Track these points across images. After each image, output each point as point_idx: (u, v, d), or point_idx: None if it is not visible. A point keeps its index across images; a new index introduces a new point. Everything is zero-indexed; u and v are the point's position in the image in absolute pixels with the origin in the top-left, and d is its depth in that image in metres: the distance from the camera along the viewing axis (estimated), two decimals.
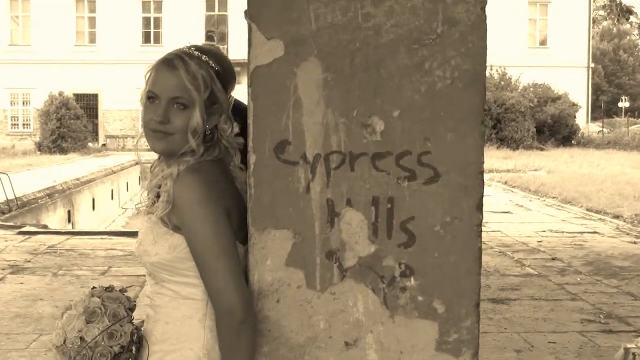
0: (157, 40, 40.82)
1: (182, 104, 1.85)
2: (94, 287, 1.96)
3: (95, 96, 40.09)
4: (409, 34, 1.80)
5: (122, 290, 1.98)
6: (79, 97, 37.46)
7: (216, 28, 40.86)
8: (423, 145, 1.81)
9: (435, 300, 1.83)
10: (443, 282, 1.83)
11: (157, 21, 40.84)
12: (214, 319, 1.83)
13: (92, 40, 40.95)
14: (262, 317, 1.83)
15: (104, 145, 37.56)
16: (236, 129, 1.95)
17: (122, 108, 40.19)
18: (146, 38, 40.88)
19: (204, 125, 1.86)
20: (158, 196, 1.98)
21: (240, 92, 1.90)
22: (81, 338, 1.84)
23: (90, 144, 35.21)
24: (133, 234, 11.85)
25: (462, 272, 1.83)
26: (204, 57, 1.88)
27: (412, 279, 1.83)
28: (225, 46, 40.33)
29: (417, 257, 1.83)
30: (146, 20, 40.85)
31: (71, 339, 1.84)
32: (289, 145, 1.81)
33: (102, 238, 11.32)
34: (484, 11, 1.80)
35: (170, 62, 1.85)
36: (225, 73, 1.91)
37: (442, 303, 1.83)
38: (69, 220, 18.51)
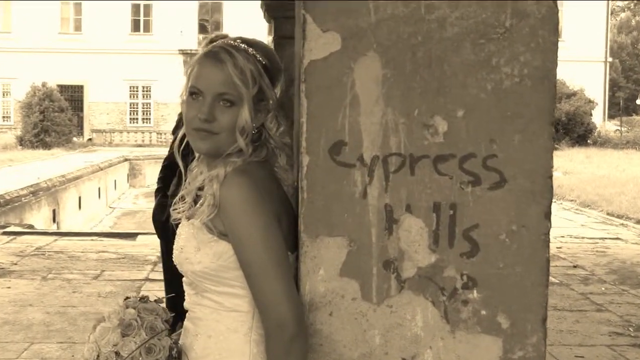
0: (147, 28, 40.80)
1: (228, 100, 1.83)
2: (127, 298, 1.94)
3: (80, 87, 40.03)
4: (475, 27, 1.77)
5: (158, 301, 1.96)
6: (63, 88, 37.41)
7: (210, 17, 40.83)
8: (489, 147, 1.79)
9: (499, 314, 1.81)
10: (508, 295, 1.81)
11: (147, 8, 40.78)
12: (260, 332, 1.81)
13: (78, 27, 40.88)
14: (314, 331, 1.81)
15: (89, 140, 37.51)
16: (282, 127, 1.93)
17: (109, 100, 40.17)
18: (135, 26, 40.82)
19: (253, 123, 1.84)
20: (196, 200, 1.96)
21: None
22: (116, 353, 1.82)
23: (75, 139, 35.17)
24: (125, 236, 11.85)
25: (529, 284, 1.81)
26: (250, 50, 1.86)
27: (474, 291, 1.81)
28: None
29: (481, 267, 1.81)
30: (135, 8, 40.78)
31: (105, 353, 1.82)
32: (345, 146, 1.79)
33: (92, 239, 11.28)
34: (556, 3, 1.78)
35: (216, 56, 1.83)
36: (273, 67, 1.89)
37: (507, 318, 1.81)
38: (54, 220, 18.48)
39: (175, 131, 4.68)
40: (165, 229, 4.56)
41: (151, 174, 29.79)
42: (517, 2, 1.77)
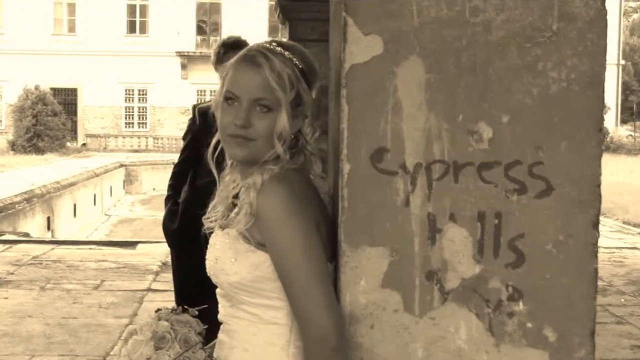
0: (143, 30, 40.90)
1: (265, 105, 1.84)
2: (159, 310, 1.95)
3: (74, 91, 40.08)
4: (521, 30, 1.78)
5: (191, 313, 1.96)
6: (56, 91, 37.49)
7: (208, 17, 40.93)
8: (535, 154, 1.80)
9: (546, 327, 1.82)
10: (555, 307, 1.82)
11: (143, 9, 40.87)
12: (298, 345, 1.82)
13: (72, 29, 40.96)
14: (354, 344, 1.82)
15: (84, 145, 37.55)
16: (317, 133, 1.94)
17: (104, 104, 40.21)
18: (131, 28, 40.91)
19: (290, 129, 1.85)
20: (230, 208, 1.98)
21: None
22: None
23: (68, 144, 35.21)
24: (125, 244, 11.86)
25: (576, 296, 1.82)
26: (287, 53, 1.87)
27: (520, 303, 1.81)
28: (218, 38, 40.33)
29: (527, 278, 1.81)
30: (131, 8, 40.88)
31: None
32: (387, 153, 1.80)
33: (90, 248, 11.29)
34: (604, 5, 1.79)
35: (252, 59, 1.84)
36: (309, 71, 1.90)
37: (554, 330, 1.82)
38: (49, 228, 18.50)
39: (185, 136, 4.70)
40: (176, 238, 4.57)
41: (148, 180, 29.85)
42: (564, 5, 1.78)
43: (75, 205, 21.03)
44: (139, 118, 41.01)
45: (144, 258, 10.28)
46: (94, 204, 23.43)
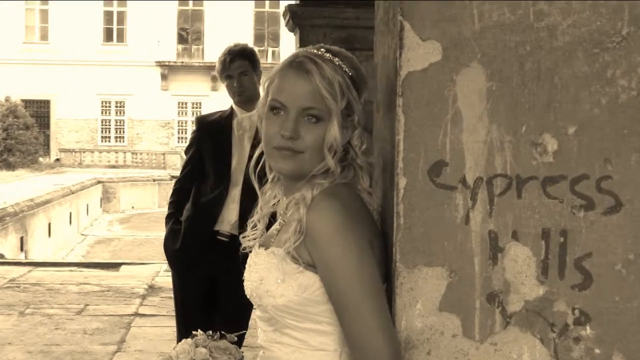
0: (121, 38, 40.88)
1: (314, 115, 1.83)
2: (194, 335, 1.92)
3: (47, 102, 39.97)
4: (588, 35, 1.78)
5: (230, 339, 1.94)
6: (28, 103, 37.34)
7: (190, 25, 40.97)
8: (603, 168, 1.78)
9: (615, 353, 1.80)
10: (624, 332, 1.80)
11: (121, 16, 40.88)
12: None
13: (44, 37, 40.89)
14: None
15: (57, 160, 37.39)
16: (365, 145, 1.92)
17: (79, 117, 40.10)
18: (108, 35, 40.89)
19: (342, 141, 1.83)
20: (269, 226, 1.96)
21: (217, 98, 1.86)
22: None
23: (41, 159, 35.04)
24: (107, 266, 11.78)
25: None
26: (336, 60, 1.86)
27: (587, 327, 1.80)
28: (201, 47, 40.44)
29: (594, 301, 1.80)
30: (108, 15, 40.87)
31: None
32: (446, 167, 1.78)
33: (71, 270, 11.22)
34: None
35: (301, 66, 1.83)
36: (359, 79, 1.89)
37: (624, 357, 1.80)
38: (22, 249, 18.36)
39: (188, 150, 4.68)
40: (178, 259, 4.54)
41: (126, 198, 29.75)
42: (635, 8, 1.77)
43: (50, 225, 20.90)
44: (117, 132, 40.89)
45: (128, 280, 10.22)
46: (70, 223, 23.30)
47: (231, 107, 4.60)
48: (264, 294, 1.84)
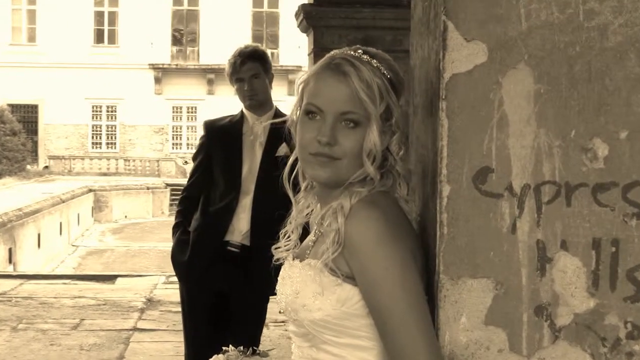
0: (112, 40, 40.90)
1: (352, 120, 1.82)
2: (226, 350, 1.92)
3: (34, 107, 39.98)
4: None
5: (263, 355, 1.94)
6: (15, 108, 37.33)
7: (185, 26, 41.00)
8: None
9: None
10: None
11: (112, 17, 40.91)
12: None
13: (32, 38, 40.93)
14: None
15: (46, 167, 37.39)
16: (402, 152, 1.92)
17: (69, 122, 40.09)
18: (99, 37, 40.92)
19: (381, 146, 1.83)
20: (303, 236, 1.96)
21: (213, 102, 1.85)
22: None
23: (29, 166, 35.03)
24: (103, 278, 11.79)
25: None
26: (374, 61, 1.86)
27: None
28: (196, 48, 40.49)
29: None
30: (99, 16, 40.91)
31: None
32: (492, 174, 1.79)
33: (64, 283, 11.22)
34: None
35: (338, 68, 1.83)
36: (398, 82, 1.89)
37: None
38: (10, 261, 18.35)
39: (196, 157, 4.68)
40: (186, 271, 4.53)
41: (119, 207, 29.74)
42: None
43: (39, 235, 20.89)
44: (108, 138, 40.88)
45: (125, 293, 10.21)
46: (60, 233, 23.29)
47: (241, 112, 4.59)
48: (300, 308, 1.84)
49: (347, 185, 1.85)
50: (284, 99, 21.26)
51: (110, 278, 11.56)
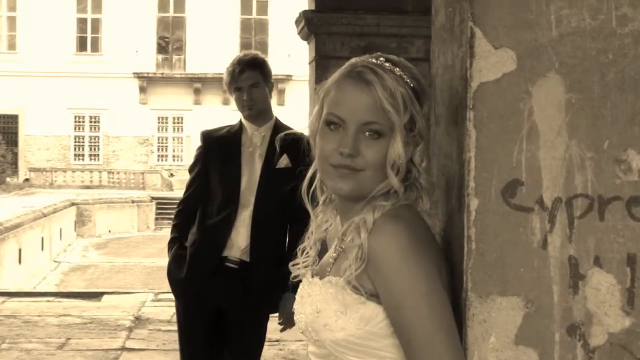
0: (96, 47, 40.88)
1: (375, 131, 1.81)
2: None
3: (14, 118, 39.89)
4: None
5: None
6: None
7: (171, 34, 41.03)
8: None
9: None
10: None
11: (96, 24, 40.90)
12: None
13: (12, 46, 40.89)
14: None
15: (26, 180, 37.25)
16: (425, 163, 1.91)
17: (50, 133, 40.01)
18: (81, 45, 40.89)
19: (406, 158, 1.82)
20: (321, 252, 1.94)
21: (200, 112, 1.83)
22: None
23: (8, 179, 34.92)
24: (89, 296, 11.74)
25: None
26: (396, 69, 1.84)
27: None
28: (182, 57, 40.51)
29: None
30: (81, 23, 40.90)
31: None
32: (522, 187, 1.77)
33: (48, 301, 11.18)
34: None
35: (360, 76, 1.81)
36: (422, 91, 1.88)
37: None
38: None
39: (192, 168, 4.66)
40: (183, 287, 4.50)
41: (103, 221, 29.64)
42: None
43: (20, 251, 20.78)
44: (91, 149, 40.79)
45: (112, 311, 10.18)
46: (42, 249, 23.18)
47: (240, 122, 4.57)
48: (321, 328, 1.82)
49: (369, 199, 1.83)
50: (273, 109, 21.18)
51: (96, 295, 11.53)
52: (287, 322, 4.45)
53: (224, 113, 34.70)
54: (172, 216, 4.97)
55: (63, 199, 28.74)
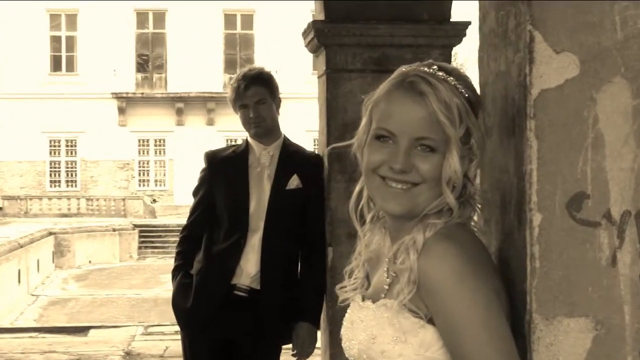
0: (71, 67, 40.79)
1: (428, 146, 1.79)
2: None
3: None
4: None
5: None
6: None
7: (151, 51, 41.00)
8: None
9: None
10: None
11: (70, 42, 40.83)
12: None
13: None
14: None
15: (0, 209, 37.09)
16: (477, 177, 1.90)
17: (23, 159, 39.84)
18: (56, 64, 40.80)
19: (462, 173, 1.80)
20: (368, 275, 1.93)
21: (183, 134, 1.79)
22: None
23: None
24: (74, 330, 11.67)
25: None
26: (450, 79, 1.83)
27: None
28: (164, 75, 40.50)
29: None
30: (55, 41, 40.83)
31: None
32: (588, 200, 1.76)
33: (31, 337, 11.13)
34: None
35: (413, 87, 1.80)
36: (477, 102, 1.87)
37: None
38: None
39: (197, 192, 4.63)
40: (190, 317, 4.46)
41: (82, 252, 29.50)
42: None
43: None
44: (68, 175, 40.65)
45: (101, 347, 10.12)
46: (19, 282, 23.03)
47: (246, 141, 4.55)
48: (377, 356, 1.80)
49: (422, 217, 1.81)
50: None
51: (81, 330, 11.48)
52: (302, 353, 4.42)
53: (208, 134, 34.77)
54: (156, 245, 4.93)
55: (39, 228, 28.60)
